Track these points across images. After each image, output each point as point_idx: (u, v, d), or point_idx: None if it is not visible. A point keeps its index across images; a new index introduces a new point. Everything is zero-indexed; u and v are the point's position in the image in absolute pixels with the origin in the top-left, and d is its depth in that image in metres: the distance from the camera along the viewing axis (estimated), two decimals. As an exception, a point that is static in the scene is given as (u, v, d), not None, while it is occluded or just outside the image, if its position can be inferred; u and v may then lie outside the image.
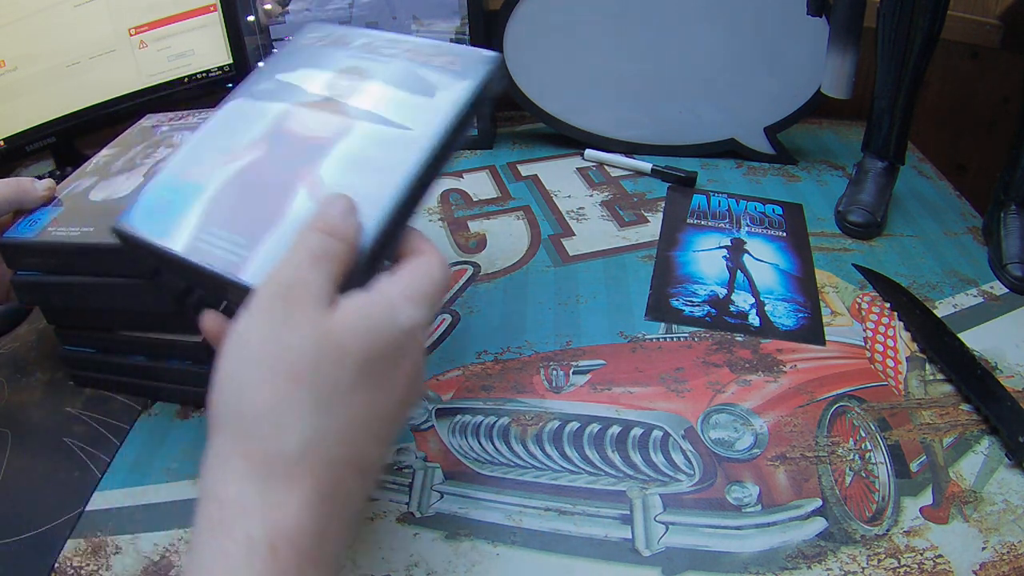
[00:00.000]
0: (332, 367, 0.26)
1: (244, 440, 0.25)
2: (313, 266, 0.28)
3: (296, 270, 0.28)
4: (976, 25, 0.78)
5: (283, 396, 0.25)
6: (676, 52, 0.74)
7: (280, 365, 0.26)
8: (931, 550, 0.39)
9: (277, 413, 0.25)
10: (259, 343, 0.26)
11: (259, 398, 0.25)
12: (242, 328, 0.27)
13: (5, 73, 0.71)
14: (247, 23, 0.77)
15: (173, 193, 0.36)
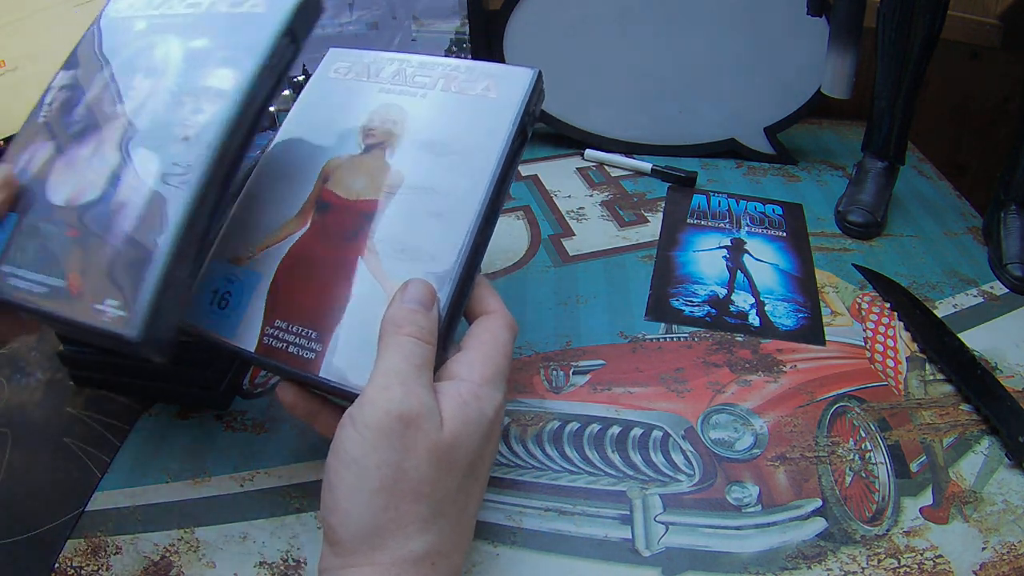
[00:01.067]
0: (445, 478, 0.29)
1: (373, 554, 0.28)
2: (420, 381, 0.30)
3: (407, 393, 0.29)
4: (976, 25, 0.78)
5: (407, 514, 0.28)
6: (676, 52, 0.74)
7: (404, 489, 0.28)
8: (931, 550, 0.39)
9: (404, 529, 0.28)
10: (379, 470, 0.28)
11: (386, 519, 0.28)
12: (359, 454, 0.28)
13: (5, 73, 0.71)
14: (247, 23, 0.77)
15: (228, 283, 0.36)
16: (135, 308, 0.31)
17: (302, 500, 0.43)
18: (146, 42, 0.39)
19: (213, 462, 0.46)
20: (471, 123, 0.38)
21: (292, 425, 0.48)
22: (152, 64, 0.38)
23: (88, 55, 0.41)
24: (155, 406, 0.50)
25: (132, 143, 0.35)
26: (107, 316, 0.31)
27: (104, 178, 0.35)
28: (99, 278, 0.32)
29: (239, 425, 0.48)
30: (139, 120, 0.36)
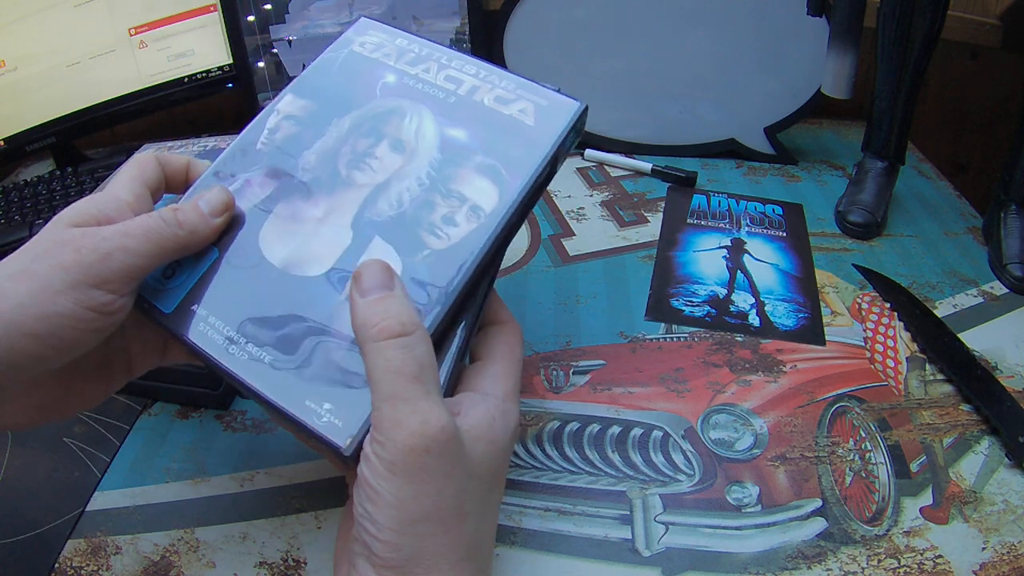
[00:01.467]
0: (475, 492, 0.29)
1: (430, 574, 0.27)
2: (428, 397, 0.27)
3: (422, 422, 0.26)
4: (976, 25, 0.77)
5: (458, 536, 0.27)
6: (676, 52, 0.74)
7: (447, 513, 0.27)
8: (931, 550, 0.39)
9: (456, 551, 0.27)
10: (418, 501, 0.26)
11: (436, 543, 0.27)
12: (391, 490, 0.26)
13: (5, 73, 0.71)
14: (247, 23, 0.77)
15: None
16: (351, 423, 0.29)
17: (302, 500, 0.43)
18: (395, 105, 0.37)
19: (213, 462, 0.46)
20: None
21: (292, 425, 0.48)
22: (401, 136, 0.35)
23: (325, 90, 0.38)
24: (155, 406, 0.50)
25: (370, 227, 0.33)
26: (321, 419, 0.29)
27: (334, 257, 0.32)
28: (312, 372, 0.30)
29: (239, 425, 0.48)
30: (381, 202, 0.34)
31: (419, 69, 0.38)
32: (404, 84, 0.37)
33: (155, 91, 0.78)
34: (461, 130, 0.35)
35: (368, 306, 0.28)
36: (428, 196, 0.33)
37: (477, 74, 0.37)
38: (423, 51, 0.39)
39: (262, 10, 0.77)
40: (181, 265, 0.33)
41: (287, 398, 0.29)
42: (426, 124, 0.36)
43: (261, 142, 0.37)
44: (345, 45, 0.39)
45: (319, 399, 0.29)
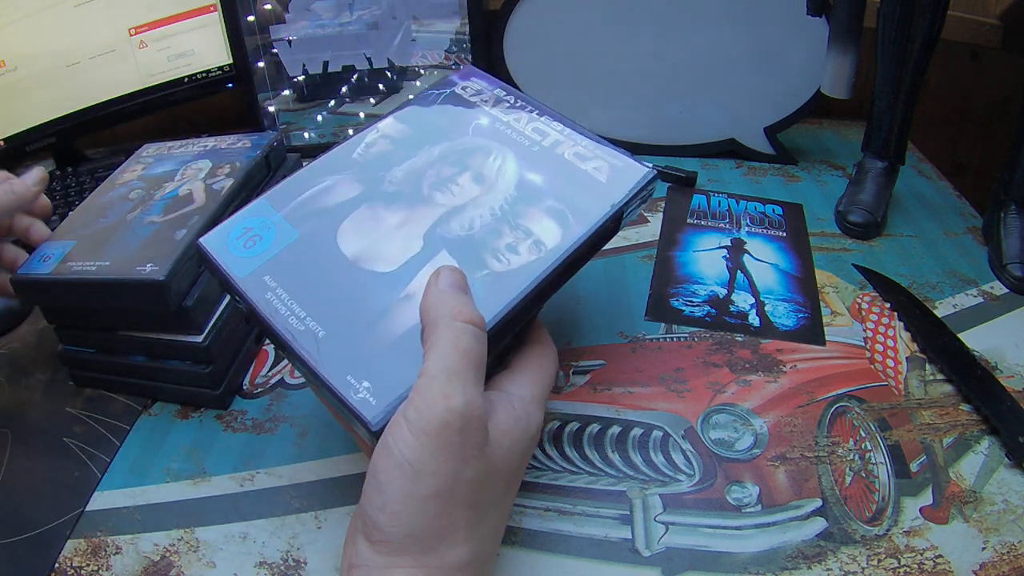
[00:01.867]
0: (491, 488, 0.30)
1: (423, 557, 0.28)
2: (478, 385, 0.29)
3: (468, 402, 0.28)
4: (976, 25, 0.77)
5: (460, 520, 0.29)
6: (676, 52, 0.74)
7: (458, 497, 0.28)
8: (931, 550, 0.39)
9: (454, 535, 0.29)
10: (435, 477, 0.28)
11: (439, 524, 0.28)
12: (414, 459, 0.28)
13: (5, 73, 0.71)
14: (247, 23, 0.77)
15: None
16: (385, 403, 0.31)
17: (302, 500, 0.43)
18: (484, 143, 0.41)
19: (213, 462, 0.46)
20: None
21: (292, 425, 0.48)
22: (484, 171, 0.40)
23: (422, 120, 0.43)
24: (155, 406, 0.50)
25: (440, 241, 0.37)
26: (357, 394, 0.31)
27: (400, 261, 0.36)
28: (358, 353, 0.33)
29: (239, 425, 0.48)
30: (454, 222, 0.37)
31: (511, 117, 0.43)
32: (495, 128, 0.42)
33: (155, 91, 0.78)
34: (539, 175, 0.39)
35: (445, 295, 0.31)
36: (498, 225, 0.37)
37: (562, 131, 0.42)
38: (517, 103, 0.44)
39: (262, 10, 0.77)
40: (262, 239, 0.37)
41: (331, 370, 0.32)
42: (508, 164, 0.40)
43: (357, 152, 0.41)
44: (449, 85, 0.45)
45: (360, 376, 0.32)
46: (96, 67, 0.75)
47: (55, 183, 0.75)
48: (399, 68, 0.80)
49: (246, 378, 0.52)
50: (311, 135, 0.82)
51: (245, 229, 0.38)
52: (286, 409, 0.49)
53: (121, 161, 0.58)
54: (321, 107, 0.81)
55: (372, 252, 0.36)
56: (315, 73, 0.80)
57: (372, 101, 0.82)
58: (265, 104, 0.80)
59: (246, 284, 0.36)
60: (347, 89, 0.81)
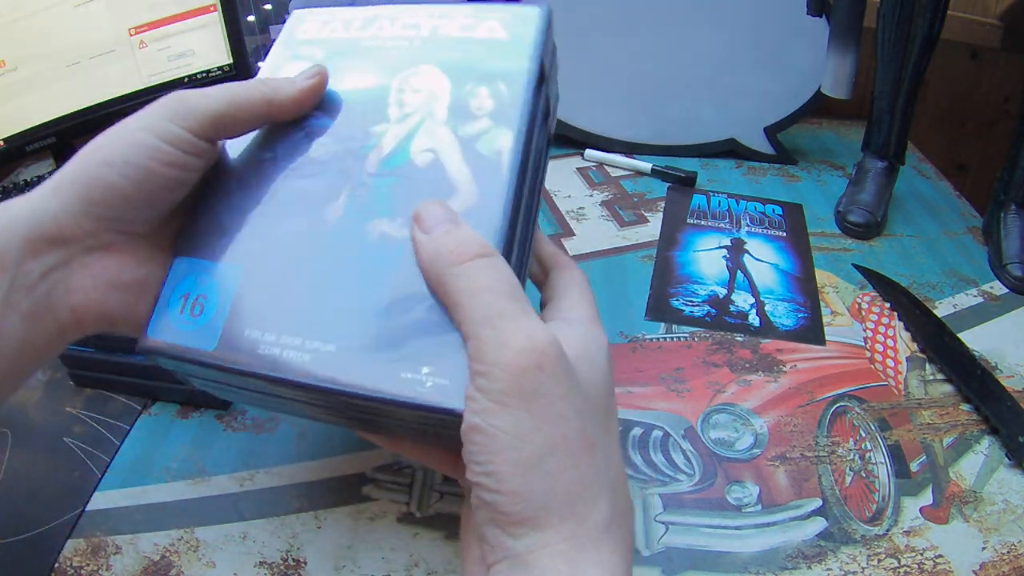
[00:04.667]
0: (594, 416, 0.25)
1: (565, 525, 0.24)
2: (527, 313, 0.25)
3: (529, 336, 0.24)
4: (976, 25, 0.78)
5: (584, 468, 0.24)
6: (676, 52, 0.74)
7: (571, 440, 0.24)
8: (931, 550, 0.39)
9: (588, 489, 0.24)
10: (539, 432, 0.23)
11: (566, 480, 0.24)
12: (507, 425, 0.23)
13: (5, 73, 0.71)
14: (247, 23, 0.77)
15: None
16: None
17: (302, 500, 0.43)
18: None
19: (213, 462, 0.46)
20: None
21: (292, 425, 0.48)
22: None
23: None
24: (155, 406, 0.50)
25: None
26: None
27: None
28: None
29: (239, 425, 0.48)
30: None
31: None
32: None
33: (155, 91, 0.78)
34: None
35: (436, 239, 0.26)
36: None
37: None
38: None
39: (262, 10, 0.77)
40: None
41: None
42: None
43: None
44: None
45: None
46: (96, 67, 0.74)
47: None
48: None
49: (246, 378, 0.52)
50: (311, 135, 0.82)
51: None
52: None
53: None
54: (321, 107, 0.81)
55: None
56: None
57: None
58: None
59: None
60: (347, 89, 0.81)
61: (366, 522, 0.42)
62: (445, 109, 0.32)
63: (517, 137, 0.30)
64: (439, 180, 0.30)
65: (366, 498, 0.43)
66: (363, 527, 0.41)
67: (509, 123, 0.31)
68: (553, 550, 0.23)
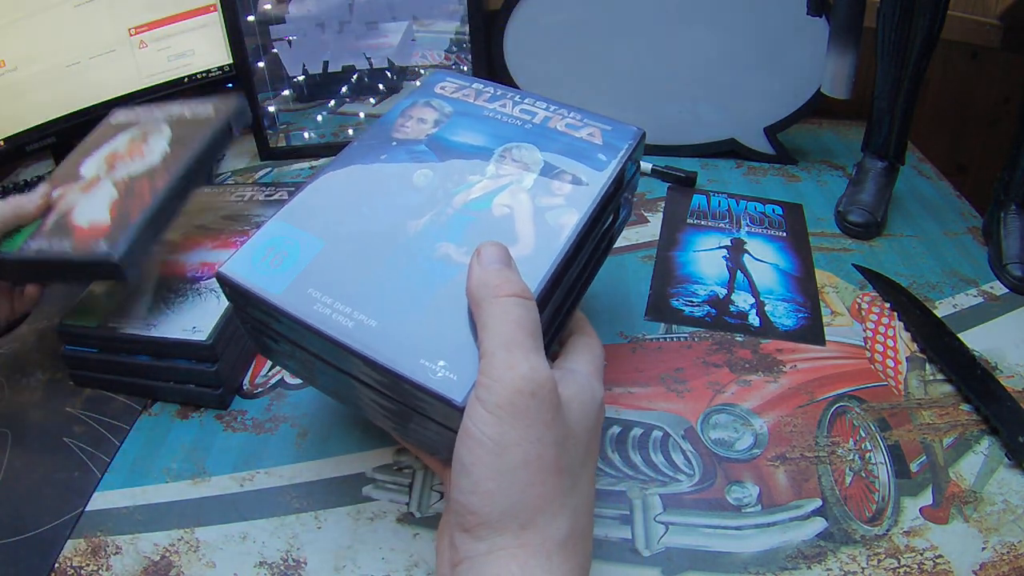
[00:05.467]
0: (573, 451, 0.29)
1: (524, 534, 0.27)
2: (539, 351, 0.29)
3: (532, 368, 0.28)
4: (976, 25, 0.77)
5: (552, 488, 0.28)
6: (676, 52, 0.74)
7: (547, 462, 0.28)
8: (931, 550, 0.39)
9: (550, 504, 0.28)
10: (520, 447, 0.27)
11: (533, 494, 0.27)
12: (495, 433, 0.27)
13: (5, 73, 0.71)
14: (247, 23, 0.77)
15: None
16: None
17: (302, 500, 0.43)
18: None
19: (213, 462, 0.46)
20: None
21: (292, 425, 0.48)
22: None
23: None
24: (155, 406, 0.50)
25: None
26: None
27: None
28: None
29: (239, 425, 0.48)
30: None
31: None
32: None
33: (155, 91, 0.78)
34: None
35: (489, 272, 0.31)
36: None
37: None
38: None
39: (262, 10, 0.77)
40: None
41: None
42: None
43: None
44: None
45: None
46: (96, 67, 0.75)
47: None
48: (399, 68, 0.80)
49: (246, 378, 0.52)
50: (311, 135, 0.82)
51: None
52: (286, 409, 0.49)
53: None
54: (321, 107, 0.81)
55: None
56: (315, 73, 0.80)
57: (372, 101, 0.81)
58: (265, 104, 0.80)
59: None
60: (347, 89, 0.81)
61: (366, 522, 0.42)
62: (532, 181, 0.38)
63: (580, 219, 0.36)
64: (507, 230, 0.36)
65: (366, 498, 0.43)
66: (363, 527, 0.41)
67: (578, 208, 0.37)
68: (509, 553, 0.27)
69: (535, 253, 0.34)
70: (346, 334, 0.32)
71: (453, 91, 0.44)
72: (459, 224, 0.36)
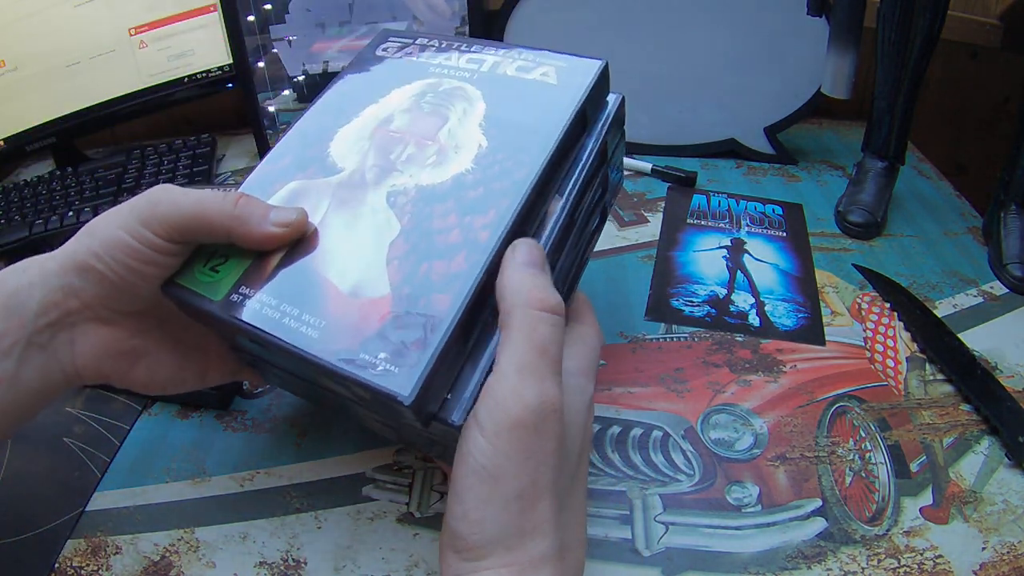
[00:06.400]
0: (567, 470, 0.29)
1: (508, 555, 0.27)
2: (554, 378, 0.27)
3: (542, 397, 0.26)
4: (976, 25, 0.77)
5: (542, 513, 0.27)
6: (676, 52, 0.74)
7: (539, 490, 0.27)
8: (931, 550, 0.39)
9: (539, 528, 0.27)
10: (516, 479, 0.26)
11: (522, 522, 0.27)
12: (491, 464, 0.26)
13: (5, 73, 0.71)
14: (247, 23, 0.77)
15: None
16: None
17: (302, 500, 0.43)
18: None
19: (213, 462, 0.46)
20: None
21: (292, 425, 0.48)
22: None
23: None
24: (155, 406, 0.50)
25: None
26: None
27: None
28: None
29: (239, 425, 0.48)
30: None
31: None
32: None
33: (155, 91, 0.78)
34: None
35: (524, 275, 0.29)
36: None
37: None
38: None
39: (262, 10, 0.77)
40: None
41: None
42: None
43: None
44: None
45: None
46: (96, 67, 0.75)
47: (55, 183, 0.75)
48: (399, 68, 0.80)
49: (246, 378, 0.52)
50: (311, 135, 0.82)
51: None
52: (286, 409, 0.49)
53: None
54: (321, 107, 0.81)
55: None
56: (315, 73, 0.80)
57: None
58: (265, 104, 0.80)
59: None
60: (347, 89, 0.81)
61: (366, 522, 0.42)
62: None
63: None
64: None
65: (366, 498, 0.43)
66: (363, 527, 0.41)
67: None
68: (495, 573, 0.26)
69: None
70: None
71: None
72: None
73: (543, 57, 0.38)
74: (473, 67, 0.38)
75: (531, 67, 0.38)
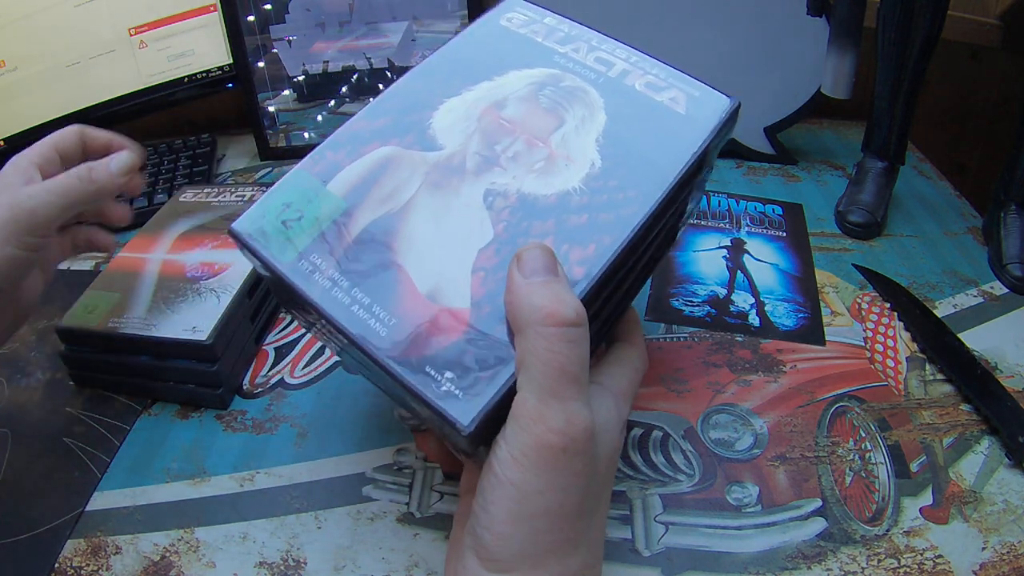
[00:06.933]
0: (597, 489, 0.28)
1: (530, 572, 0.26)
2: (579, 398, 0.26)
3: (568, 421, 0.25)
4: (976, 25, 0.77)
5: (569, 532, 0.27)
6: (676, 52, 0.73)
7: (568, 511, 0.26)
8: (931, 550, 0.39)
9: (565, 547, 0.27)
10: (543, 496, 0.26)
11: (549, 540, 0.26)
12: (518, 480, 0.25)
13: (5, 73, 0.71)
14: (247, 23, 0.77)
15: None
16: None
17: (302, 500, 0.43)
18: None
19: (213, 462, 0.46)
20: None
21: (292, 425, 0.48)
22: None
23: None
24: (155, 406, 0.50)
25: None
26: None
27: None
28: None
29: (239, 425, 0.48)
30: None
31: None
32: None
33: (155, 91, 0.78)
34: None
35: (534, 288, 0.27)
36: None
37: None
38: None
39: (262, 10, 0.77)
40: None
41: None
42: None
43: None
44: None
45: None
46: (96, 67, 0.75)
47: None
48: (399, 68, 0.80)
49: (246, 378, 0.52)
50: (311, 135, 0.82)
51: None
52: (286, 409, 0.49)
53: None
54: (321, 107, 0.81)
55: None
56: (315, 73, 0.80)
57: (372, 101, 0.81)
58: (265, 104, 0.80)
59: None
60: (347, 89, 0.81)
61: (366, 522, 0.42)
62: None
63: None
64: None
65: (366, 498, 0.43)
66: (363, 527, 0.41)
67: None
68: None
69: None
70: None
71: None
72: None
73: (675, 79, 0.36)
74: (601, 68, 0.36)
75: (661, 87, 0.35)
